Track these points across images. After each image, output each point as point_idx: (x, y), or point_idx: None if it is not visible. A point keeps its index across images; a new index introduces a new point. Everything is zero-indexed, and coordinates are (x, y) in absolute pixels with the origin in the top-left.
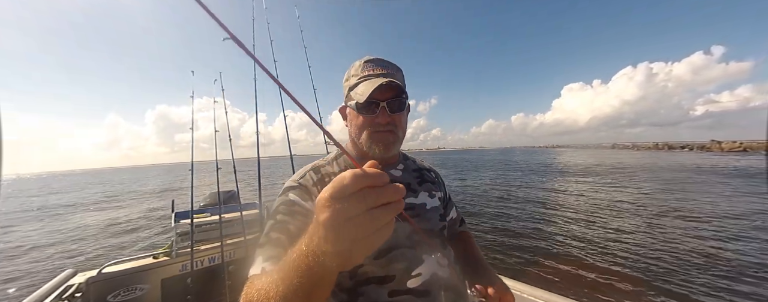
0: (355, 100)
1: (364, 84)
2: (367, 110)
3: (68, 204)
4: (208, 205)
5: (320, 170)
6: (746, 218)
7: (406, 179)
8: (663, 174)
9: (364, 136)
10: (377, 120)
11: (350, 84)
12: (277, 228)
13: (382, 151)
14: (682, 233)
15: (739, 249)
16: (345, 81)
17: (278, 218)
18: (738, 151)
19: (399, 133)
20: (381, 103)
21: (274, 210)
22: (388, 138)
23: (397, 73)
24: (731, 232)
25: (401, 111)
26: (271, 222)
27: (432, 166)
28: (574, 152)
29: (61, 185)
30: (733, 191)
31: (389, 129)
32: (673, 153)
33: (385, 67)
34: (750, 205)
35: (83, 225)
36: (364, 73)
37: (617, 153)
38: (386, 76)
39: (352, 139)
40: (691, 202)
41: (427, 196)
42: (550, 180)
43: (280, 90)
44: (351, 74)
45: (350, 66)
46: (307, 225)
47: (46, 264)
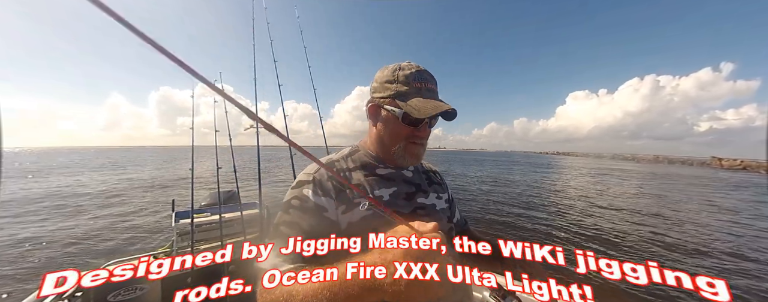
0: (405, 110)
1: (421, 100)
2: (413, 123)
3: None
4: (208, 205)
5: (334, 165)
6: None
7: (417, 180)
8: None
9: (400, 144)
10: (418, 133)
11: (398, 90)
12: (288, 223)
13: (413, 162)
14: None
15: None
16: (387, 82)
17: (291, 213)
18: (737, 169)
19: (426, 145)
20: (426, 119)
21: (286, 202)
22: (421, 151)
23: (438, 89)
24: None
25: (433, 127)
26: (284, 215)
27: (436, 169)
28: (574, 161)
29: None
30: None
31: (423, 143)
32: (673, 167)
33: (433, 83)
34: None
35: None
36: (415, 84)
37: (620, 165)
38: (435, 93)
39: (379, 139)
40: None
41: (435, 197)
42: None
43: (280, 90)
44: (398, 80)
45: (395, 68)
46: (319, 224)
47: (46, 265)
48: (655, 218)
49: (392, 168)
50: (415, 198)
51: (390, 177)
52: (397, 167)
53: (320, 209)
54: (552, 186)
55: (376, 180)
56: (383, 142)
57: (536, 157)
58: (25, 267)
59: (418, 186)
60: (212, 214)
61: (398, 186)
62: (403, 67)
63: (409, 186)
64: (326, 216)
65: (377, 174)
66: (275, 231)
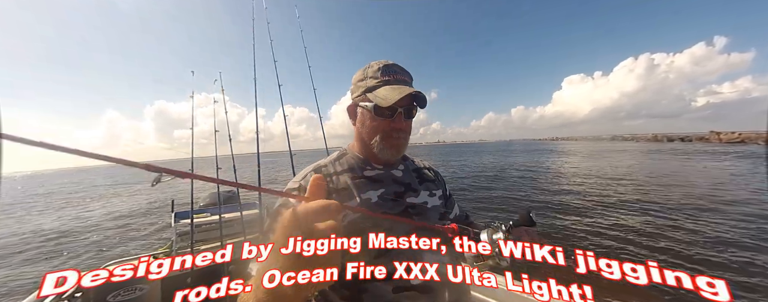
0: (375, 103)
1: (387, 89)
2: (385, 114)
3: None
4: (207, 205)
5: (321, 170)
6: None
7: (407, 179)
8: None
9: (377, 138)
10: (394, 125)
11: (368, 85)
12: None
13: (393, 155)
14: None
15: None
16: (359, 81)
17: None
18: (736, 142)
19: (408, 137)
20: (399, 109)
21: (274, 211)
22: (400, 142)
23: (411, 80)
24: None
25: (413, 117)
26: (273, 223)
27: (431, 165)
28: (575, 146)
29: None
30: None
31: (402, 134)
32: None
33: (404, 74)
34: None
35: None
36: (384, 77)
37: (618, 145)
38: (406, 84)
39: (360, 138)
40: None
41: (427, 195)
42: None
43: (280, 90)
44: (368, 75)
45: (366, 66)
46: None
47: (46, 265)
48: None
49: (380, 169)
50: (405, 198)
51: (378, 178)
52: (385, 167)
53: None
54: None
55: (364, 182)
56: (364, 140)
57: (533, 144)
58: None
59: (407, 186)
60: (212, 214)
61: (386, 187)
62: (372, 65)
63: (398, 186)
64: None
65: (365, 177)
66: (265, 238)
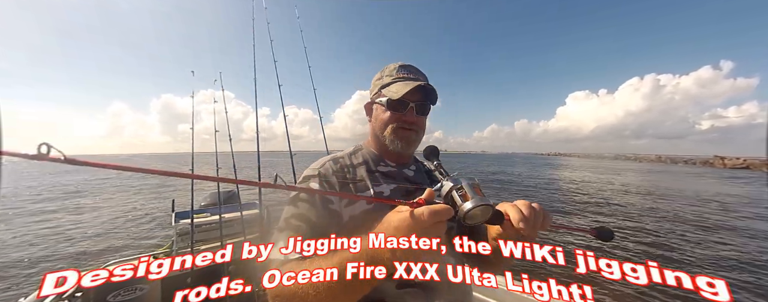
0: (387, 97)
1: (399, 84)
2: (397, 108)
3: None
4: (208, 205)
5: (339, 161)
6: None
7: (418, 179)
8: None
9: (388, 130)
10: (405, 118)
11: (383, 83)
12: (297, 215)
13: (403, 147)
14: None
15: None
16: (377, 80)
17: (299, 206)
18: (740, 168)
19: (420, 133)
20: (411, 104)
21: (294, 196)
22: (411, 136)
23: (426, 80)
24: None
25: (426, 114)
26: (292, 208)
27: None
28: (578, 163)
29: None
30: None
31: (413, 128)
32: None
33: (418, 73)
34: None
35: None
36: (399, 75)
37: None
38: (418, 80)
39: (374, 134)
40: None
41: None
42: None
43: (280, 90)
44: (384, 74)
45: (384, 67)
46: (326, 215)
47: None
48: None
49: (393, 167)
50: (416, 197)
51: (391, 174)
52: (398, 165)
53: (326, 201)
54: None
55: (378, 176)
56: (377, 136)
57: (535, 159)
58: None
59: (418, 185)
60: (212, 214)
61: (399, 184)
62: (389, 66)
63: (409, 184)
64: (332, 208)
65: (379, 171)
66: (285, 223)
